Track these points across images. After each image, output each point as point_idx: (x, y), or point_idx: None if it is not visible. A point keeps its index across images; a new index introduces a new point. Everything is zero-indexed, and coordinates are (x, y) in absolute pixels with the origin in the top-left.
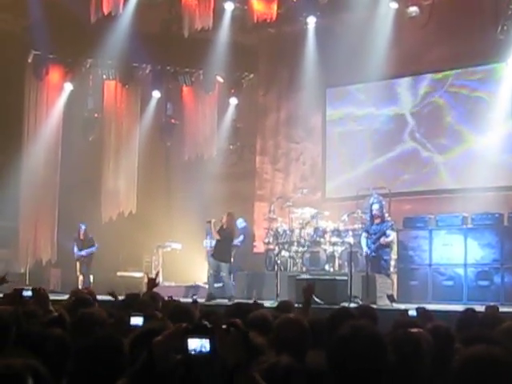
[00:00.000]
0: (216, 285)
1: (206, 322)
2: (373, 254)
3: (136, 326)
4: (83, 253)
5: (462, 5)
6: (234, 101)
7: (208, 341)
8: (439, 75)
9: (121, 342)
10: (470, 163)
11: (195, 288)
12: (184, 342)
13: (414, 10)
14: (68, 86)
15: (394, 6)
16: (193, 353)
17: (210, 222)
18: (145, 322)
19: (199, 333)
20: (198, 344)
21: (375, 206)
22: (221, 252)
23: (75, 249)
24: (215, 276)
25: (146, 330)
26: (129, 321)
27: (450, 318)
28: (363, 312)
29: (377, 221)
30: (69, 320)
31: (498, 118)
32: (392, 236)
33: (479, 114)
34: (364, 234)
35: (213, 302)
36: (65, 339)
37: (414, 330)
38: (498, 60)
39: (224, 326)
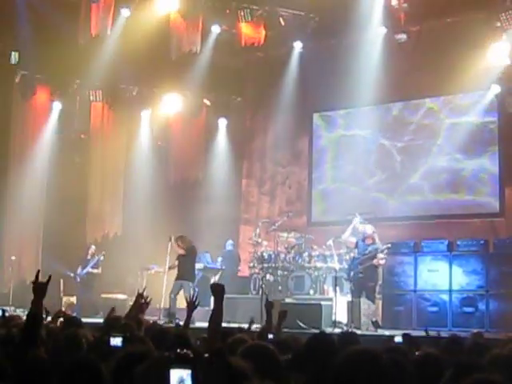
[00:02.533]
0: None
1: (188, 352)
2: (359, 275)
3: (116, 347)
4: (85, 270)
5: (450, 31)
6: (221, 124)
7: (190, 372)
8: (427, 101)
9: (98, 366)
10: (456, 189)
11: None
12: (166, 372)
13: (401, 36)
14: (55, 107)
15: (383, 31)
16: None
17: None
18: (124, 343)
19: (181, 363)
20: (179, 375)
21: (369, 226)
22: (183, 272)
23: (79, 270)
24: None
25: (129, 354)
26: (108, 341)
27: (435, 345)
28: (345, 338)
29: (368, 241)
30: (50, 343)
31: (485, 143)
32: (384, 259)
33: (467, 140)
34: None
35: (192, 326)
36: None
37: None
38: (485, 87)
39: (206, 355)
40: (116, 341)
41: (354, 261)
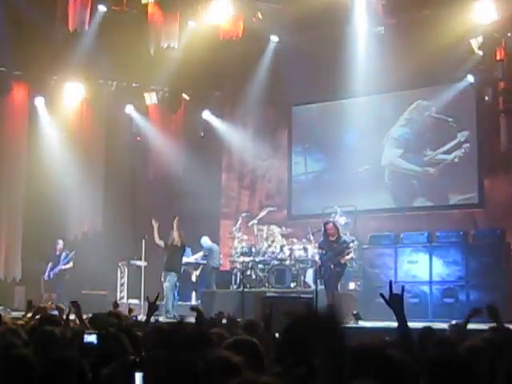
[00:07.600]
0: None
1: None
2: (329, 271)
3: (91, 344)
4: (58, 268)
5: (426, 23)
6: (199, 118)
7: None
8: (406, 93)
9: (81, 363)
10: (435, 181)
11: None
12: (130, 375)
13: (380, 28)
14: (33, 103)
15: (361, 23)
16: None
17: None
18: (99, 339)
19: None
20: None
21: (330, 225)
22: (171, 262)
23: (49, 266)
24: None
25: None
26: (83, 338)
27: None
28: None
29: (332, 237)
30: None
31: (463, 135)
32: (351, 254)
33: (445, 133)
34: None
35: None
36: None
37: None
38: (461, 77)
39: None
40: (91, 338)
41: (322, 257)
